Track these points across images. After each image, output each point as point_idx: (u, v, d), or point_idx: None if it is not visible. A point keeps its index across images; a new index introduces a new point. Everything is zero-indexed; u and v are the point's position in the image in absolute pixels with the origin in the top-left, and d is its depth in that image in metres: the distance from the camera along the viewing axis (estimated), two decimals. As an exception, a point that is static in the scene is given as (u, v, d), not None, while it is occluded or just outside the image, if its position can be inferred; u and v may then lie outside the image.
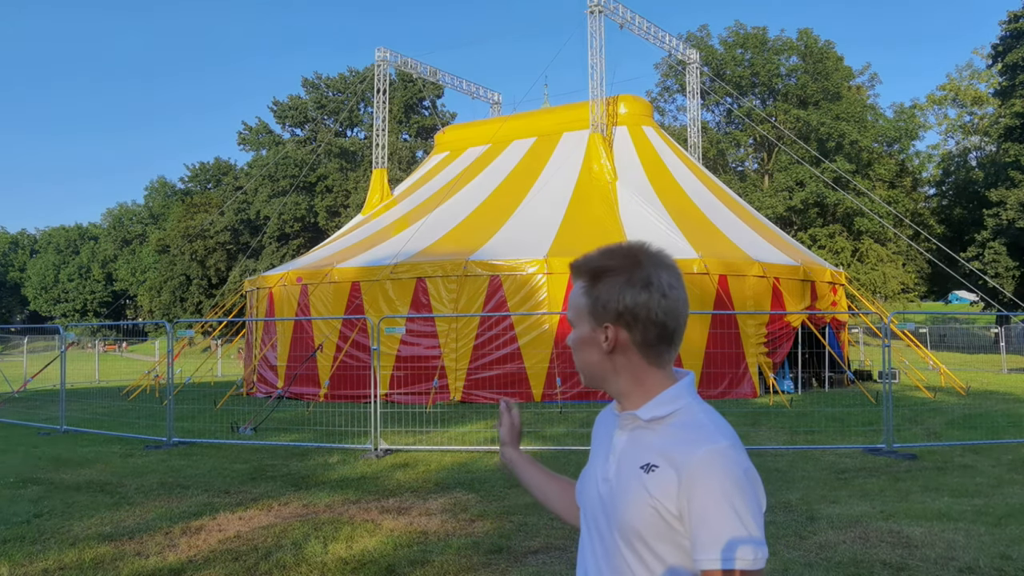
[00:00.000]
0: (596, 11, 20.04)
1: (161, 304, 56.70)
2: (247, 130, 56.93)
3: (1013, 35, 37.93)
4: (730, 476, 1.46)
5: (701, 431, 1.53)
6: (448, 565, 5.30)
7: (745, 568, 1.41)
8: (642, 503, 1.50)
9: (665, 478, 1.49)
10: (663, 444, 1.53)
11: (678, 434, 1.53)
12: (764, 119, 43.94)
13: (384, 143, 24.55)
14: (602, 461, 1.65)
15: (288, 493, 7.64)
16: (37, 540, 6.11)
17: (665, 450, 1.52)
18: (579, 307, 1.62)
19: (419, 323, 15.87)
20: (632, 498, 1.52)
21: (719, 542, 1.43)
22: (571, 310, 1.65)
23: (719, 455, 1.48)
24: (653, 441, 1.55)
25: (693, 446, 1.49)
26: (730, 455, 1.48)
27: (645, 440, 1.57)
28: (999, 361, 26.32)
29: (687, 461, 1.48)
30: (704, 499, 1.45)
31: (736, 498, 1.45)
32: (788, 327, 16.45)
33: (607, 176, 18.69)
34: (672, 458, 1.50)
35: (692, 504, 1.46)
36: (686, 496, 1.47)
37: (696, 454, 1.48)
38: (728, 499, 1.45)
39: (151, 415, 14.25)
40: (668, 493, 1.48)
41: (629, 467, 1.56)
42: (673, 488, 1.48)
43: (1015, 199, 35.17)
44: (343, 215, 48.22)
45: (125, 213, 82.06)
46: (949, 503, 6.85)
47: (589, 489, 1.66)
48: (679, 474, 1.48)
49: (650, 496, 1.50)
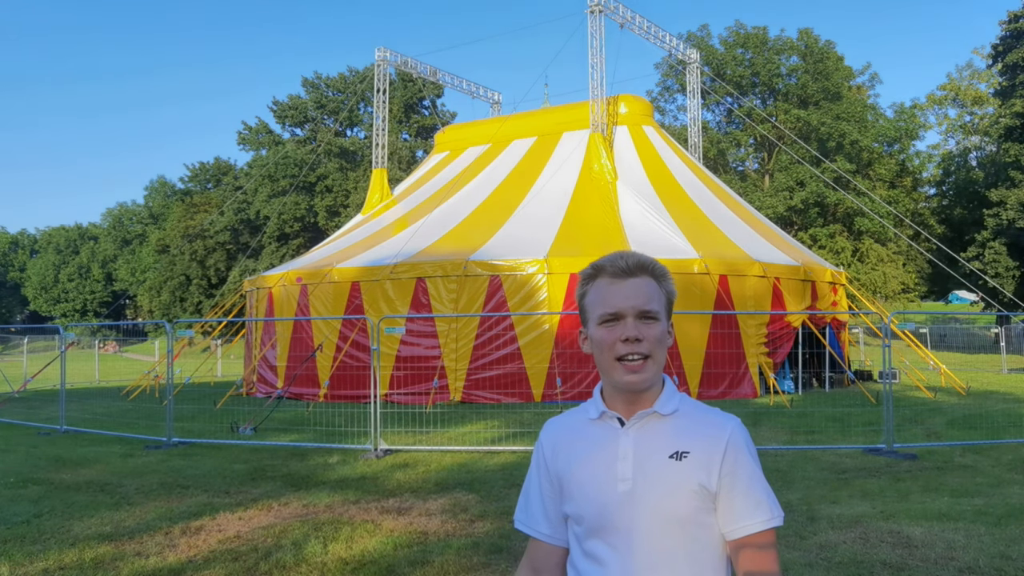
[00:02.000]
0: (596, 11, 20.04)
1: (161, 304, 56.68)
2: (247, 130, 56.90)
3: (1013, 35, 37.91)
4: (751, 447, 1.71)
5: (713, 414, 1.74)
6: (448, 565, 5.30)
7: (777, 524, 1.68)
8: (680, 487, 1.64)
9: (701, 460, 1.66)
10: (686, 432, 1.69)
11: (698, 420, 1.72)
12: (764, 119, 43.92)
13: (384, 143, 24.55)
14: (605, 466, 1.70)
15: (288, 493, 7.63)
16: (37, 540, 6.10)
17: (692, 436, 1.68)
18: (660, 301, 1.71)
19: (419, 323, 15.87)
20: (669, 487, 1.64)
21: (763, 506, 1.66)
22: (654, 301, 1.70)
23: (741, 430, 1.71)
24: (671, 432, 1.69)
25: (720, 427, 1.70)
26: (744, 429, 1.73)
27: (660, 433, 1.69)
28: (999, 361, 26.31)
29: (721, 440, 1.67)
30: (743, 471, 1.67)
31: (758, 466, 1.71)
32: (788, 327, 16.44)
33: (607, 176, 18.68)
34: (704, 441, 1.67)
35: (735, 478, 1.66)
36: (728, 472, 1.66)
37: (726, 433, 1.68)
38: (756, 467, 1.70)
39: (151, 415, 14.25)
40: (708, 473, 1.65)
41: (654, 460, 1.67)
42: (714, 467, 1.65)
43: (1015, 199, 35.15)
44: (343, 215, 48.21)
45: (125, 213, 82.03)
46: (949, 503, 6.85)
47: (601, 496, 1.68)
48: (717, 453, 1.66)
49: (688, 479, 1.64)
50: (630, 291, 1.68)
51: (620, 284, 1.69)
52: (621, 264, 1.70)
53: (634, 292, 1.68)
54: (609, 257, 1.73)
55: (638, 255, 1.72)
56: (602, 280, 1.72)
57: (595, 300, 1.72)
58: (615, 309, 1.68)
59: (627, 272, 1.69)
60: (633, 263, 1.70)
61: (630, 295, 1.68)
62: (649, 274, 1.70)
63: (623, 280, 1.69)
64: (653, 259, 1.73)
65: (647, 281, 1.70)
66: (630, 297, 1.68)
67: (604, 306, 1.70)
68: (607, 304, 1.69)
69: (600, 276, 1.72)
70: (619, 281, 1.69)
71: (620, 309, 1.68)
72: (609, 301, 1.69)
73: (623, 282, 1.69)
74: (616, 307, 1.68)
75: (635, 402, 1.71)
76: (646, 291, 1.68)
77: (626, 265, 1.69)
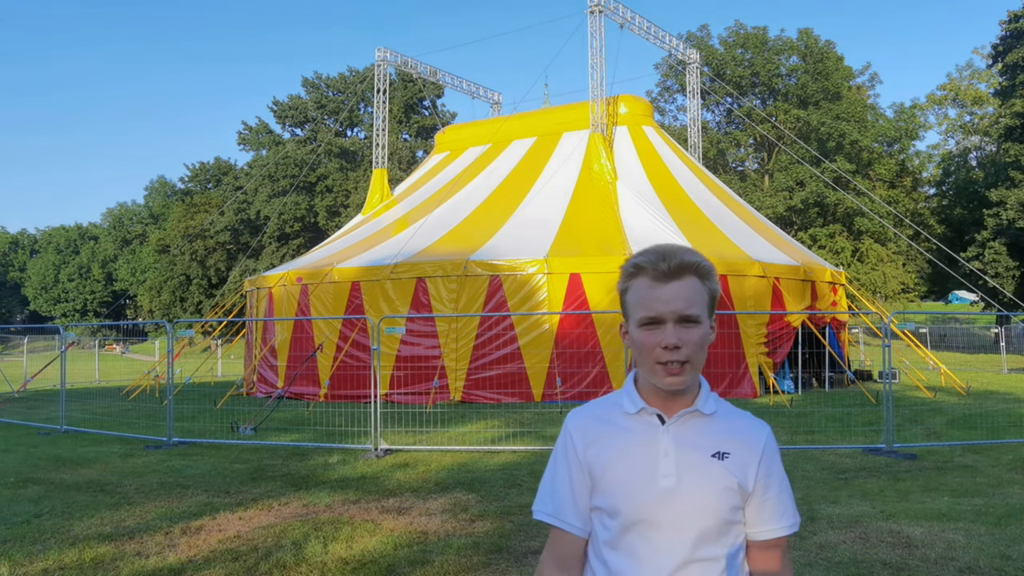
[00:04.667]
0: (596, 11, 20.03)
1: (161, 304, 56.69)
2: (247, 130, 56.89)
3: (1013, 35, 37.90)
4: (779, 452, 1.79)
5: (749, 418, 1.80)
6: (448, 565, 5.30)
7: (797, 530, 1.76)
8: (721, 486, 1.68)
9: (740, 462, 1.71)
10: (726, 432, 1.74)
11: (735, 422, 1.77)
12: (764, 119, 43.92)
13: (384, 143, 24.55)
14: (645, 462, 1.71)
15: (288, 493, 7.63)
16: (37, 540, 6.11)
17: (732, 437, 1.73)
18: (703, 302, 1.69)
19: (419, 323, 15.87)
20: (711, 485, 1.68)
21: (788, 512, 1.75)
22: (695, 305, 1.67)
23: (772, 436, 1.79)
24: (711, 432, 1.74)
25: (758, 431, 1.76)
26: (774, 436, 1.80)
27: (701, 432, 1.73)
28: (999, 361, 26.32)
29: (759, 443, 1.74)
30: (776, 477, 1.74)
31: (784, 472, 1.79)
32: (788, 327, 16.44)
33: (607, 176, 18.68)
34: (744, 443, 1.73)
35: (769, 481, 1.73)
36: (764, 475, 1.72)
37: (763, 437, 1.76)
38: (784, 473, 1.78)
39: (151, 415, 14.25)
40: (745, 474, 1.70)
41: (697, 458, 1.70)
42: (750, 470, 1.71)
43: (1015, 199, 35.15)
44: (343, 215, 48.21)
45: (125, 213, 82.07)
46: (949, 503, 6.85)
47: (641, 491, 1.69)
48: (755, 456, 1.72)
49: (728, 478, 1.69)
50: (670, 295, 1.65)
51: (661, 287, 1.66)
52: (663, 267, 1.66)
53: (675, 296, 1.65)
54: (651, 255, 1.69)
55: (681, 254, 1.67)
56: (643, 280, 1.68)
57: (635, 301, 1.69)
58: (655, 314, 1.65)
59: (668, 275, 1.66)
60: (675, 265, 1.66)
61: (670, 300, 1.65)
62: (693, 273, 1.67)
63: (664, 283, 1.66)
64: (698, 256, 1.68)
65: (690, 282, 1.66)
66: (670, 302, 1.65)
67: (644, 309, 1.67)
68: (647, 308, 1.66)
69: (641, 275, 1.69)
70: (660, 284, 1.66)
71: (660, 314, 1.65)
72: (649, 305, 1.66)
73: (664, 285, 1.66)
74: (656, 312, 1.65)
75: (673, 400, 1.72)
76: (687, 294, 1.65)
77: (668, 268, 1.66)
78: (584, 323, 15.25)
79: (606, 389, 15.00)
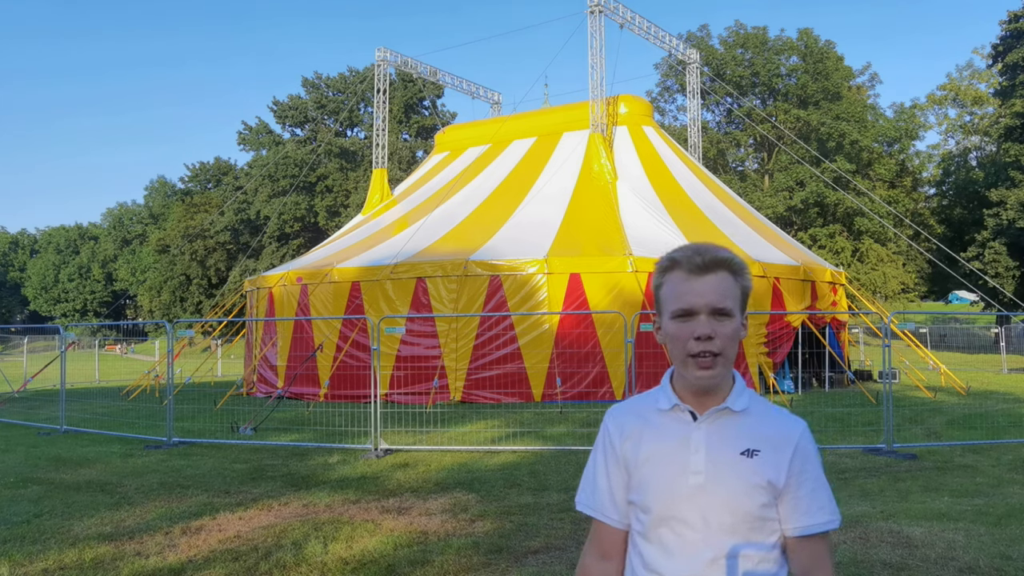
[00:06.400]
0: (596, 11, 20.03)
1: (161, 304, 56.72)
2: (247, 130, 56.92)
3: (1013, 35, 37.91)
4: (816, 450, 1.77)
5: (784, 415, 1.79)
6: (448, 565, 5.30)
7: (836, 527, 1.75)
8: (750, 484, 1.69)
9: (770, 459, 1.71)
10: (757, 429, 1.74)
11: (768, 419, 1.76)
12: (764, 119, 43.92)
13: (384, 143, 24.54)
14: (676, 458, 1.73)
15: (288, 493, 7.63)
16: (37, 540, 6.10)
17: (763, 434, 1.73)
18: (736, 297, 1.71)
19: (419, 323, 15.87)
20: (740, 482, 1.69)
21: (826, 508, 1.74)
22: (728, 299, 1.70)
23: (808, 431, 1.77)
24: (742, 429, 1.74)
25: (791, 428, 1.75)
26: (810, 433, 1.78)
27: (732, 429, 1.75)
28: (999, 361, 26.31)
29: (791, 440, 1.73)
30: (810, 473, 1.73)
31: (822, 470, 1.78)
32: (788, 327, 16.44)
33: (607, 176, 18.68)
34: (775, 440, 1.73)
35: (802, 477, 1.72)
36: (797, 471, 1.71)
37: (796, 433, 1.74)
38: (822, 470, 1.77)
39: (151, 415, 14.25)
40: (777, 471, 1.70)
41: (726, 455, 1.71)
42: (783, 466, 1.70)
43: (1015, 199, 35.15)
44: (343, 215, 48.23)
45: (125, 213, 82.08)
46: (949, 503, 6.85)
47: (671, 487, 1.72)
48: (787, 453, 1.71)
49: (757, 475, 1.69)
50: (705, 288, 1.68)
51: (695, 280, 1.69)
52: (697, 261, 1.70)
53: (709, 289, 1.68)
54: (686, 251, 1.73)
55: (715, 250, 1.71)
56: (678, 274, 1.72)
57: (669, 294, 1.73)
58: (688, 305, 1.69)
59: (703, 268, 1.69)
60: (709, 259, 1.69)
61: (704, 292, 1.68)
62: (726, 269, 1.70)
63: (699, 276, 1.69)
64: (731, 253, 1.72)
65: (723, 277, 1.70)
66: (704, 294, 1.68)
67: (678, 301, 1.70)
68: (681, 300, 1.70)
69: (676, 269, 1.72)
70: (694, 277, 1.69)
71: (693, 305, 1.69)
72: (683, 297, 1.69)
73: (698, 278, 1.69)
74: (690, 303, 1.69)
75: (706, 396, 1.74)
76: (721, 288, 1.69)
77: (702, 261, 1.69)
78: (584, 323, 15.25)
79: (606, 389, 15.01)
